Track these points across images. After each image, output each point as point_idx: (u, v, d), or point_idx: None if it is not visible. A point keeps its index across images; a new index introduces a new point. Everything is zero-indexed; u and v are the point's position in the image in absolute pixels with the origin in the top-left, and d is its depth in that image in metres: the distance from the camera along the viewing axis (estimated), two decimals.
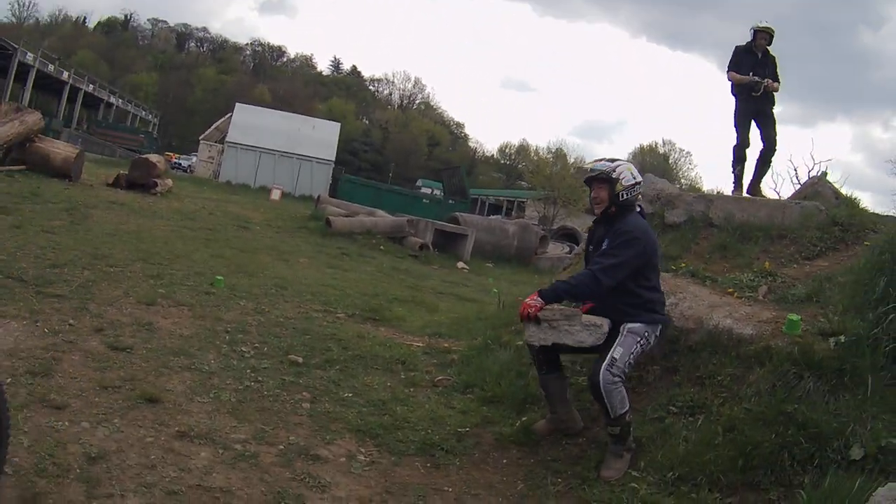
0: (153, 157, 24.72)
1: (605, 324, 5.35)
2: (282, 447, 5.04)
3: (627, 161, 5.67)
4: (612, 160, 5.60)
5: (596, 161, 5.93)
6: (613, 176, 5.40)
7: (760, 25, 10.02)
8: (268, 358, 6.93)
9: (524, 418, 5.95)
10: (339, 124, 53.33)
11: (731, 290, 6.65)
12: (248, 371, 6.45)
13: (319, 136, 47.26)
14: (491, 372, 6.89)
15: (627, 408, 5.13)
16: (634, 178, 5.46)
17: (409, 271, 16.13)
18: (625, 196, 5.40)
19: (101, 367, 5.90)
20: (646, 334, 5.30)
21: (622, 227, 5.36)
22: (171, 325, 7.45)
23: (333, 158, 47.55)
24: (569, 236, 31.73)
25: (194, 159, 55.44)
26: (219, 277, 9.87)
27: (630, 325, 5.31)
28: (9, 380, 5.20)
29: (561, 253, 26.45)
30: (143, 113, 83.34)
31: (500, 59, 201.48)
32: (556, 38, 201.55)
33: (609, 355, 5.16)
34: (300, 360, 6.98)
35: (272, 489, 4.46)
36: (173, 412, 5.25)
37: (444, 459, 5.32)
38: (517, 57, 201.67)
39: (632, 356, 5.22)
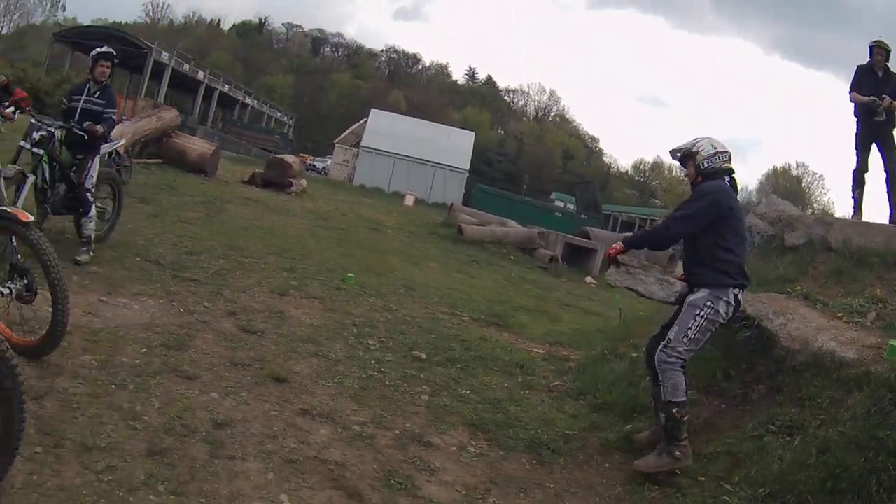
0: (289, 158, 25.46)
1: (678, 283, 5.64)
2: (398, 432, 5.34)
3: (711, 137, 5.83)
4: (696, 139, 5.83)
5: None
6: (693, 150, 5.68)
7: (875, 41, 9.74)
8: (392, 352, 7.26)
9: (629, 427, 6.11)
10: (473, 134, 53.47)
11: (840, 314, 6.58)
12: (373, 362, 6.79)
13: (454, 145, 47.59)
14: (604, 381, 7.08)
15: (680, 400, 5.26)
16: (715, 147, 5.64)
17: (537, 282, 16.26)
18: (705, 165, 5.61)
19: (232, 346, 6.39)
20: (708, 304, 5.35)
21: (698, 188, 5.60)
22: (301, 315, 7.89)
23: (467, 167, 47.74)
24: None
25: (329, 162, 56.36)
26: (350, 275, 10.29)
27: (691, 297, 5.45)
28: (143, 350, 5.78)
29: None
30: (279, 114, 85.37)
31: (635, 72, 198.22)
32: (688, 53, 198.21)
33: (666, 335, 5.41)
34: (423, 356, 7.29)
35: (384, 468, 4.77)
36: (298, 392, 5.65)
37: (549, 458, 5.53)
38: (651, 71, 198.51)
39: (690, 332, 5.33)
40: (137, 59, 52.57)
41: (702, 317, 5.32)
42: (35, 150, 7.87)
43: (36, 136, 7.81)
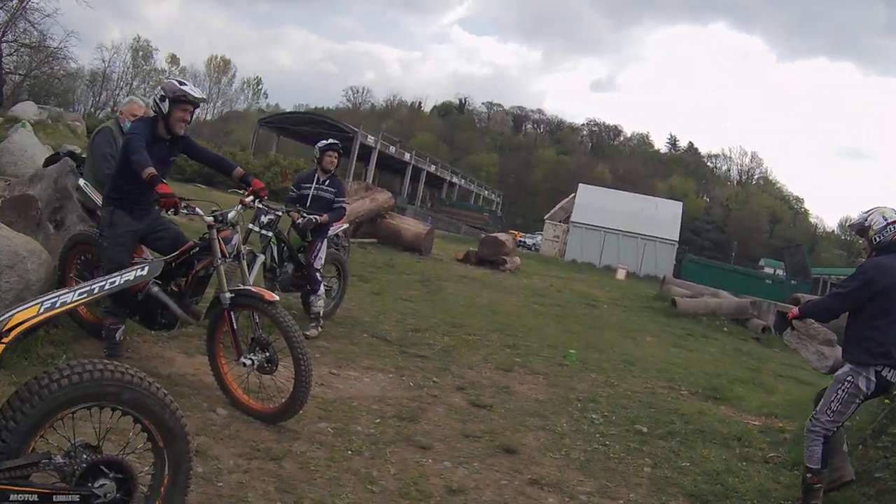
0: (502, 236, 25.99)
1: (832, 357, 5.81)
2: (622, 502, 5.51)
3: (884, 207, 5.81)
4: (867, 211, 5.83)
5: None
6: (865, 224, 5.72)
7: None
8: (615, 426, 7.40)
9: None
10: (680, 203, 53.08)
11: None
12: (597, 435, 6.97)
13: (662, 216, 47.28)
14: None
15: (814, 467, 5.45)
16: (886, 219, 5.64)
17: (751, 353, 15.90)
18: (877, 239, 5.63)
19: (462, 419, 6.74)
20: (849, 380, 5.46)
21: (860, 266, 5.71)
22: (526, 390, 8.18)
23: (677, 238, 47.38)
24: None
25: (539, 238, 56.92)
26: (571, 351, 10.51)
27: (838, 371, 5.60)
28: (377, 420, 6.24)
29: None
30: (486, 192, 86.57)
31: (832, 124, 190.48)
32: (885, 99, 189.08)
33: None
34: (644, 429, 7.38)
35: None
36: (527, 463, 5.89)
37: None
38: (848, 122, 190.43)
39: (833, 404, 5.50)
40: (343, 143, 54.72)
41: (843, 390, 5.51)
42: (263, 232, 8.49)
43: (264, 219, 8.37)
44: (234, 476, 4.66)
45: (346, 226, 11.05)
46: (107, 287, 4.06)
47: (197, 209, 5.86)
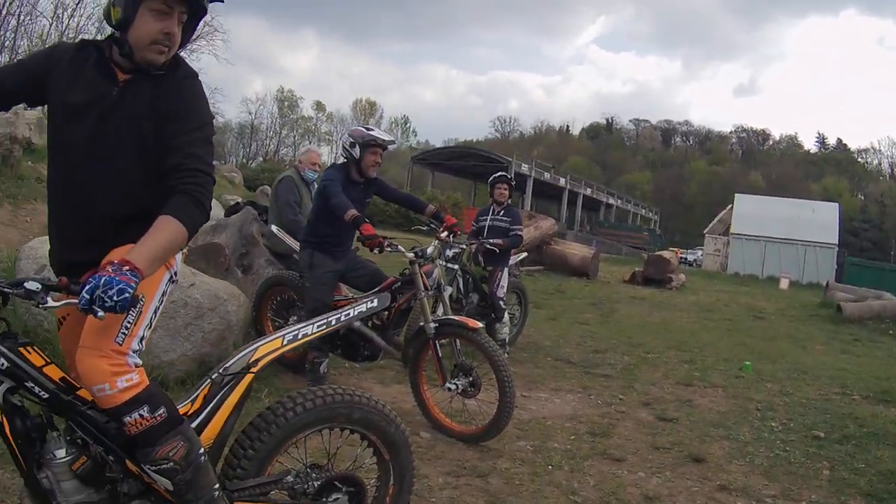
0: (666, 254, 26.20)
1: None
2: (804, 503, 5.82)
3: None
4: None
5: None
6: None
7: None
8: (793, 432, 7.65)
9: None
10: (836, 205, 50.85)
11: None
12: (777, 442, 7.26)
13: (820, 220, 45.70)
14: None
15: None
16: None
17: None
18: None
19: (651, 432, 7.16)
20: None
21: None
22: (708, 403, 8.54)
23: (836, 241, 45.60)
24: None
25: (699, 253, 55.83)
26: (746, 363, 10.78)
27: None
28: (572, 437, 6.74)
29: None
30: (643, 211, 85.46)
31: None
32: None
33: None
34: (821, 434, 7.57)
35: None
36: (715, 470, 6.25)
37: None
38: None
39: None
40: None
41: None
42: (450, 265, 8.99)
43: (449, 253, 8.83)
44: (444, 492, 5.09)
45: (524, 254, 11.70)
46: (343, 319, 4.04)
47: (399, 247, 6.34)
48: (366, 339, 6.63)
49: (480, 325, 6.26)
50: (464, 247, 9.22)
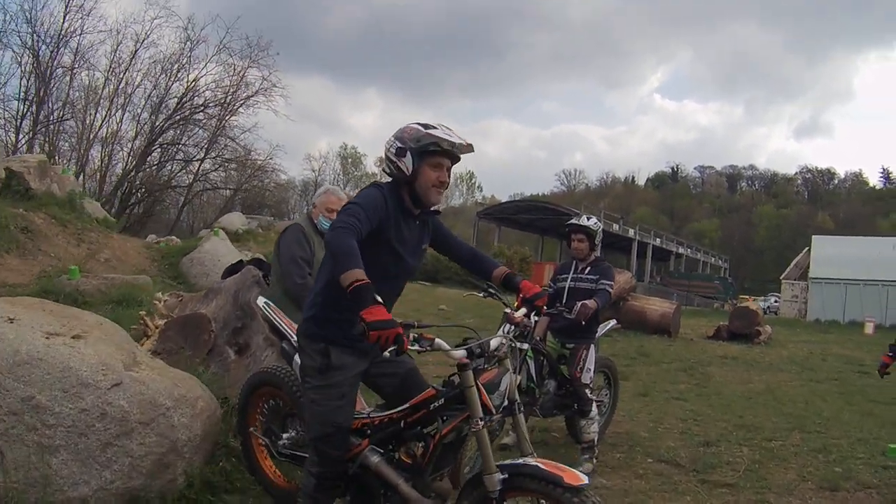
0: (752, 306, 24.03)
1: None
2: None
3: None
4: None
5: None
6: None
7: None
8: None
9: None
10: None
11: None
12: None
13: None
14: None
15: None
16: None
17: None
18: None
19: None
20: None
21: None
22: None
23: None
24: None
25: (772, 300, 53.53)
26: (892, 446, 8.24)
27: None
28: None
29: None
30: (712, 259, 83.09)
31: None
32: None
33: None
34: None
35: None
36: None
37: None
38: None
39: None
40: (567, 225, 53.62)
41: None
42: (517, 344, 6.06)
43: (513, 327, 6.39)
44: None
45: (613, 322, 8.71)
46: None
47: (436, 340, 3.63)
48: (388, 484, 4.01)
49: (584, 479, 3.39)
50: (536, 318, 6.52)
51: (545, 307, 4.64)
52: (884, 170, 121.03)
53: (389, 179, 4.10)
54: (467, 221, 71.09)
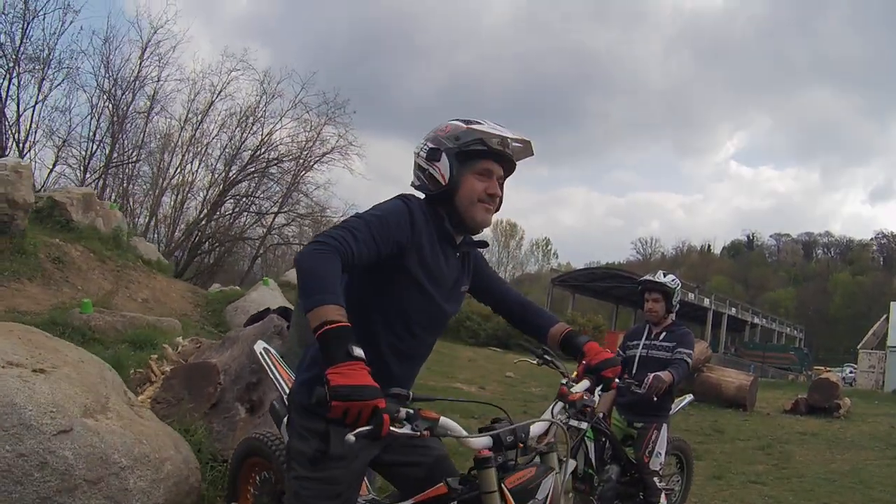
0: (833, 377, 22.86)
1: None
2: None
3: None
4: None
5: None
6: None
7: None
8: None
9: None
10: None
11: None
12: None
13: None
14: None
15: None
16: None
17: None
18: None
19: None
20: None
21: None
22: None
23: None
24: None
25: (848, 370, 51.92)
26: None
27: None
28: None
29: None
30: (788, 329, 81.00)
31: None
32: None
33: None
34: None
35: None
36: None
37: None
38: None
39: None
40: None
41: None
42: (574, 423, 5.36)
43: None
44: None
45: (690, 398, 7.24)
46: None
47: (442, 420, 2.64)
48: None
49: None
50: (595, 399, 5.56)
51: (616, 379, 3.45)
52: None
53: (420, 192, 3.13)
54: (542, 289, 70.35)
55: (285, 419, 3.34)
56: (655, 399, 5.97)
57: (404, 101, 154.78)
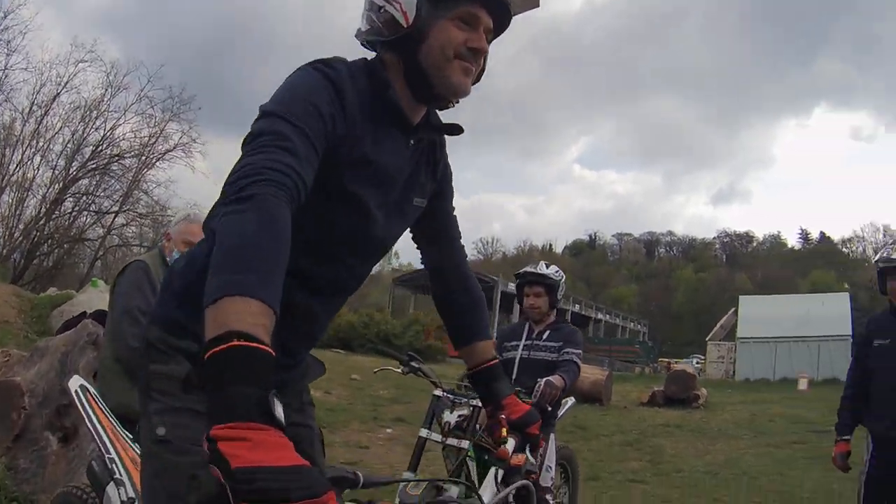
0: (689, 369, 23.43)
1: None
2: None
3: None
4: None
5: None
6: None
7: None
8: None
9: None
10: (847, 294, 49.24)
11: None
12: None
13: (831, 312, 43.20)
14: None
15: None
16: None
17: None
18: None
19: None
20: None
21: None
22: None
23: (850, 332, 41.47)
24: None
25: (693, 361, 53.55)
26: None
27: None
28: None
29: None
30: (632, 324, 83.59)
31: None
32: None
33: None
34: None
35: None
36: None
37: None
38: None
39: None
40: (485, 293, 53.12)
41: None
42: (452, 442, 4.62)
43: (450, 417, 4.66)
44: None
45: (572, 401, 6.23)
46: None
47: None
48: None
49: None
50: (476, 402, 4.58)
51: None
52: (802, 231, 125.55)
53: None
54: (383, 289, 70.30)
55: (109, 486, 2.67)
56: (549, 408, 5.09)
57: (252, 100, 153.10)
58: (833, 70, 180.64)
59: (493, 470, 2.89)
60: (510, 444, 2.47)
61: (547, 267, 5.77)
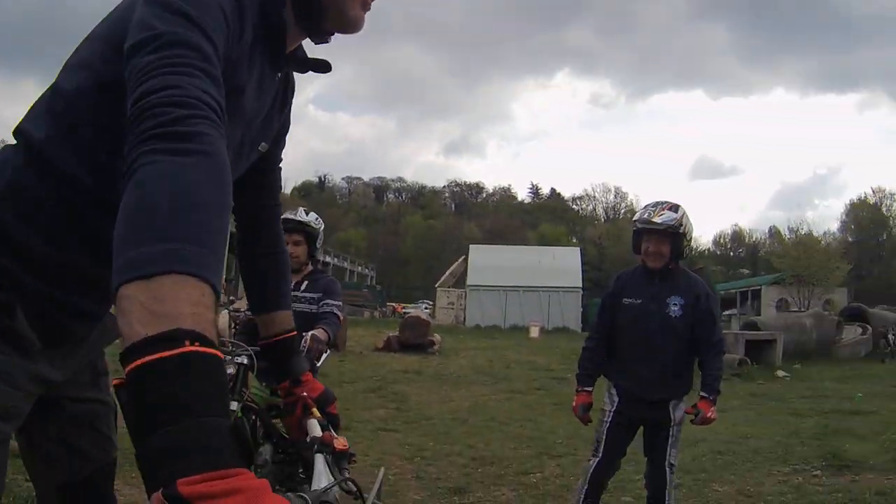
0: (422, 315, 23.59)
1: None
2: None
3: None
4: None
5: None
6: None
7: None
8: None
9: None
10: (578, 249, 52.62)
11: None
12: None
13: (563, 265, 45.69)
14: None
15: None
16: None
17: (769, 395, 13.68)
18: None
19: None
20: None
21: None
22: None
23: (580, 285, 45.48)
24: (855, 316, 26.59)
25: (423, 307, 54.52)
26: None
27: None
28: None
29: (858, 337, 23.65)
30: (359, 268, 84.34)
31: (693, 148, 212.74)
32: (737, 116, 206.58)
33: None
34: None
35: None
36: None
37: None
38: (708, 142, 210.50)
39: None
40: None
41: None
42: None
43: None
44: None
45: (329, 353, 5.46)
46: None
47: None
48: None
49: None
50: (249, 353, 4.05)
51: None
52: (533, 185, 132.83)
53: None
54: None
55: None
56: (318, 363, 4.81)
57: None
58: (582, 38, 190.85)
59: (320, 456, 2.08)
60: (316, 427, 2.19)
61: (306, 214, 5.43)
